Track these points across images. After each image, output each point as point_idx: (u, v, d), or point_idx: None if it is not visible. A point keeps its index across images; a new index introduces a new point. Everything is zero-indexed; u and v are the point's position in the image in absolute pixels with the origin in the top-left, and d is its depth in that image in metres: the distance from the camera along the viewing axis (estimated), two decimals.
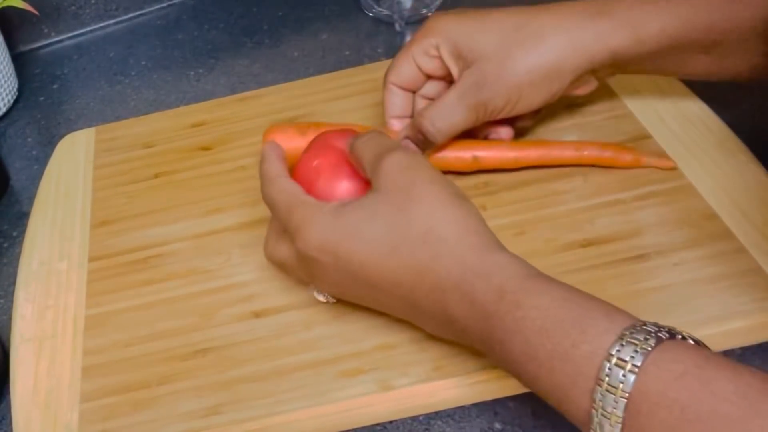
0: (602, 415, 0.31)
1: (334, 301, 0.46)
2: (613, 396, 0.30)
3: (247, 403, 0.43)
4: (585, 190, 0.51)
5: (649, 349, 0.31)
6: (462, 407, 0.43)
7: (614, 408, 0.30)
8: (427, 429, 0.42)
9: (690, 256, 0.46)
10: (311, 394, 0.42)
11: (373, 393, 0.42)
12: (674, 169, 0.50)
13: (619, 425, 0.30)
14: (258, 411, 0.42)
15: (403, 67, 0.51)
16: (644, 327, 0.32)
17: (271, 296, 0.48)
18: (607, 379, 0.31)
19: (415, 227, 0.38)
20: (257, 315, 0.47)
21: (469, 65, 0.49)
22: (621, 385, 0.30)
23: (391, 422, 0.43)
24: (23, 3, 0.67)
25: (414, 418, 0.43)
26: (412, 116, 0.53)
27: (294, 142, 0.51)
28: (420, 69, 0.51)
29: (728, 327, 0.42)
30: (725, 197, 0.48)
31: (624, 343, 0.31)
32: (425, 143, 0.50)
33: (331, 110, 0.60)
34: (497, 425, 0.42)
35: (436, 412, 0.43)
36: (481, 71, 0.48)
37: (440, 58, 0.50)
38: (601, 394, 0.31)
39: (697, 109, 0.55)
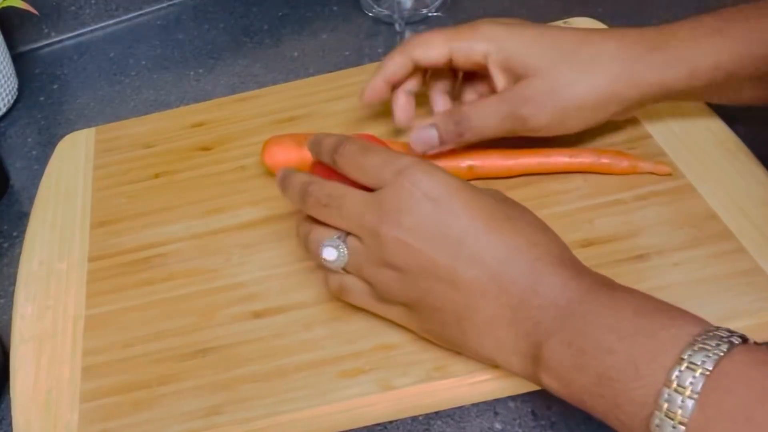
0: (675, 390, 0.31)
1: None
2: (693, 373, 0.31)
3: (247, 403, 0.43)
4: (585, 190, 0.51)
5: (736, 342, 0.32)
6: (462, 407, 0.43)
7: (692, 383, 0.31)
8: (427, 429, 0.42)
9: (690, 256, 0.46)
10: (311, 394, 0.42)
11: (373, 393, 0.42)
12: (670, 174, 0.50)
13: (693, 400, 0.31)
14: (258, 411, 0.42)
15: (434, 50, 0.51)
16: (728, 330, 0.33)
17: (271, 296, 0.48)
18: (688, 357, 0.32)
19: (516, 213, 0.40)
20: (257, 315, 0.47)
21: (518, 79, 0.48)
22: (702, 364, 0.31)
23: (391, 422, 0.43)
24: (23, 3, 0.67)
25: (414, 418, 0.43)
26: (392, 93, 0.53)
27: (292, 154, 0.52)
28: (450, 61, 0.51)
29: (728, 327, 0.42)
30: (725, 197, 0.48)
31: (711, 335, 0.32)
32: (452, 135, 0.50)
33: (331, 110, 0.60)
34: (497, 425, 0.42)
35: (436, 412, 0.43)
36: (531, 87, 0.48)
37: (483, 64, 0.50)
38: (680, 372, 0.32)
39: (697, 109, 0.55)
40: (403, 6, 0.72)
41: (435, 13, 0.71)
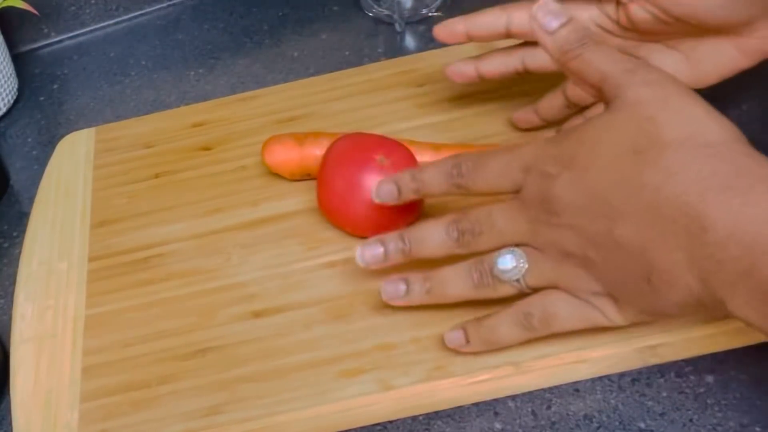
0: None
1: None
2: None
3: (247, 403, 0.43)
4: None
5: None
6: (462, 407, 0.43)
7: None
8: (427, 429, 0.42)
9: None
10: (311, 394, 0.42)
11: (373, 393, 0.42)
12: None
13: None
14: (258, 411, 0.42)
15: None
16: None
17: (271, 296, 0.48)
18: None
19: (668, 132, 0.36)
20: (257, 315, 0.47)
21: None
22: None
23: (391, 422, 0.43)
24: (23, 3, 0.67)
25: (414, 418, 0.43)
26: None
27: (292, 152, 0.52)
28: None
29: (728, 327, 0.42)
30: None
31: None
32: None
33: (331, 110, 0.60)
34: (497, 425, 0.42)
35: (436, 412, 0.43)
36: None
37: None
38: None
39: None
40: (403, 6, 0.72)
41: (435, 13, 0.71)
